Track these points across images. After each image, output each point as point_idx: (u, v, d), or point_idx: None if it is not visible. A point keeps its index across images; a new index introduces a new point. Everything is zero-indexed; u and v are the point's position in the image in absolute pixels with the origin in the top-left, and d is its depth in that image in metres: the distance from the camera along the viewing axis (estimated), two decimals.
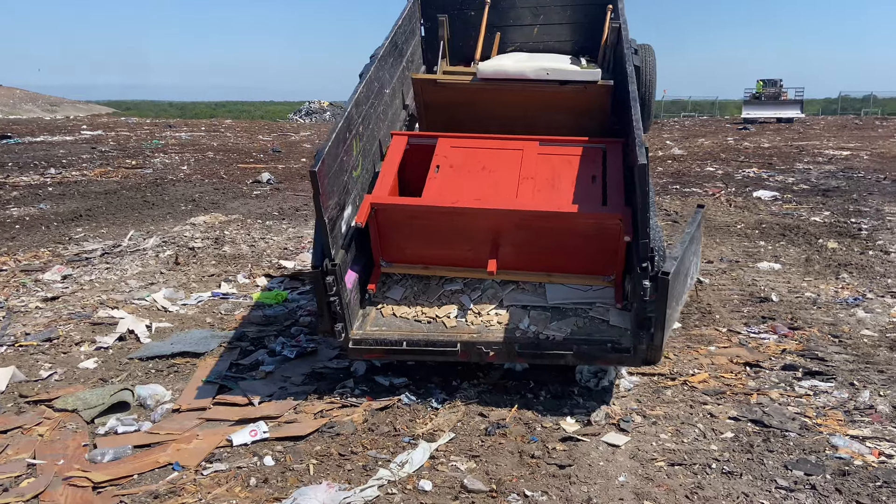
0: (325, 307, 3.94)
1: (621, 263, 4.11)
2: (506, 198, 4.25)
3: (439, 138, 4.60)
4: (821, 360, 4.71)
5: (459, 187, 4.30)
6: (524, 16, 5.95)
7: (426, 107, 4.97)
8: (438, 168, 4.43)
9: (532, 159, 4.41)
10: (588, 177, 4.28)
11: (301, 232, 9.40)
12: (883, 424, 3.77)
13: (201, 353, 5.02)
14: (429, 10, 5.97)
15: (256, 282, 7.01)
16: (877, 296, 6.15)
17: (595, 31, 5.84)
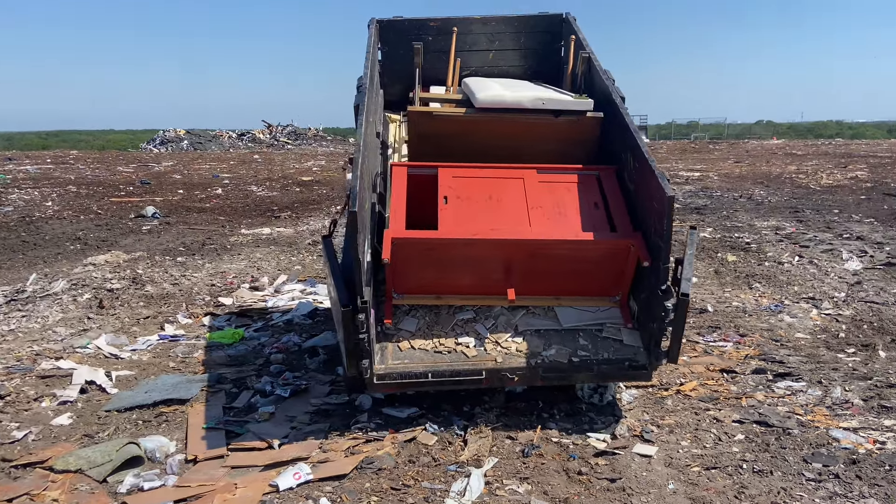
0: (355, 346, 3.88)
1: (627, 285, 4.34)
2: (521, 227, 4.34)
3: (438, 168, 4.62)
4: (780, 362, 5.23)
5: (473, 218, 4.35)
6: (480, 42, 6.15)
7: (419, 138, 5.00)
8: (447, 199, 4.44)
9: (534, 188, 4.53)
10: (590, 203, 4.46)
11: (220, 267, 9.02)
12: (864, 416, 4.28)
13: (186, 400, 4.74)
14: (386, 36, 6.02)
15: (203, 321, 6.67)
16: (793, 302, 6.88)
17: (547, 57, 6.16)
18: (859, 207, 13.11)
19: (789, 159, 23.49)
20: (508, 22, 6.14)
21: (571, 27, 5.81)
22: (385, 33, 5.96)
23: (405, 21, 6.10)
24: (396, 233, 4.18)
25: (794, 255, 8.94)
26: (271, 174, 22.36)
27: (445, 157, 4.87)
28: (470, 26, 6.08)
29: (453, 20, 6.09)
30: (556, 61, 6.11)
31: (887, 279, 7.65)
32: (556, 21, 6.08)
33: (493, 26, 6.13)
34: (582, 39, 5.45)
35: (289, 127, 42.51)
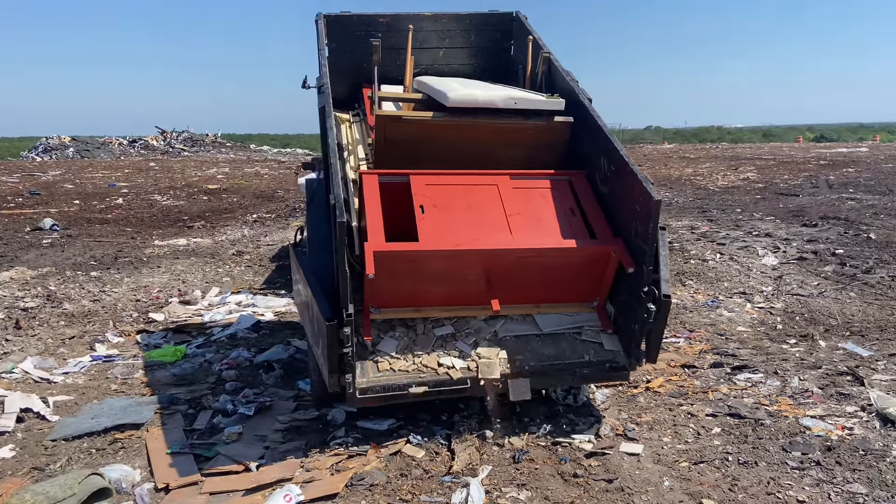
0: (338, 360, 3.71)
1: (606, 290, 4.31)
2: (503, 235, 4.20)
3: (410, 176, 4.41)
4: (732, 355, 5.43)
5: (453, 227, 4.18)
6: (431, 39, 6.04)
7: (387, 143, 4.78)
8: (423, 209, 4.20)
9: (510, 194, 4.41)
10: (566, 209, 4.38)
11: (141, 281, 8.49)
12: (826, 403, 4.49)
13: (140, 424, 4.40)
14: (333, 31, 5.80)
15: (136, 339, 6.24)
16: (726, 297, 7.19)
17: (497, 55, 6.12)
18: (758, 206, 13.90)
19: (684, 162, 24.68)
20: (459, 19, 6.07)
21: (523, 25, 5.80)
22: (332, 29, 5.74)
23: (353, 16, 5.91)
24: (377, 245, 3.92)
25: (716, 252, 9.36)
26: (173, 182, 21.36)
27: (413, 161, 4.70)
28: (420, 23, 5.96)
29: (403, 16, 5.95)
30: (505, 59, 6.09)
31: (804, 273, 8.13)
32: (506, 19, 6.05)
33: (443, 23, 6.03)
34: (538, 38, 5.44)
35: (184, 133, 40.81)
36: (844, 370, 5.01)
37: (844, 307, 6.64)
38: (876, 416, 4.23)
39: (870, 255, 8.86)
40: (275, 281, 8.57)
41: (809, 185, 16.85)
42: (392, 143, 4.67)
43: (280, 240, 11.43)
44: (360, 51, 5.85)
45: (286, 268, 9.27)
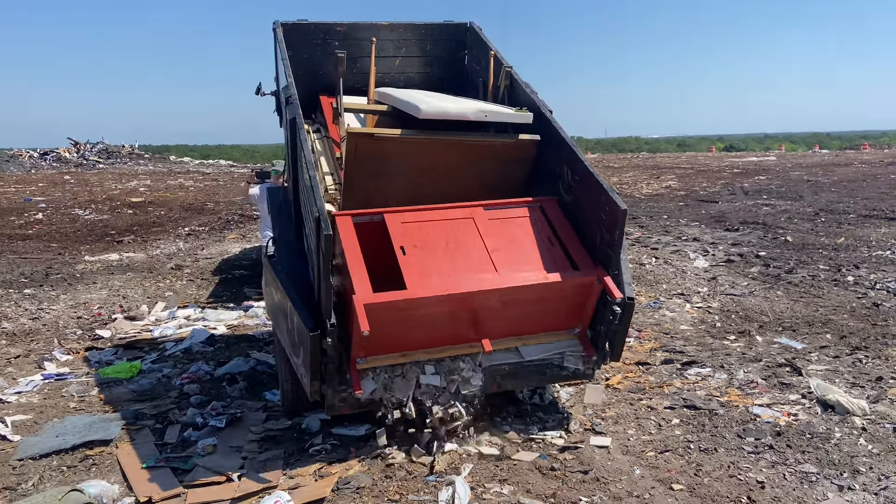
0: (320, 370, 3.77)
1: (589, 317, 4.32)
2: (489, 274, 4.05)
3: (384, 214, 4.18)
4: (681, 352, 5.75)
5: (437, 268, 4.00)
6: (387, 48, 6.10)
7: (357, 159, 4.65)
8: (404, 250, 4.03)
9: (486, 226, 4.28)
10: (544, 238, 4.30)
11: (78, 297, 8.23)
12: (771, 392, 4.83)
13: (109, 440, 4.32)
14: (290, 39, 5.70)
15: (86, 355, 6.08)
16: (667, 298, 7.57)
17: (451, 65, 6.24)
18: (682, 213, 14.58)
19: (609, 171, 25.53)
20: (415, 29, 6.15)
21: (477, 35, 5.94)
22: (289, 37, 5.68)
23: (310, 25, 5.91)
24: (366, 297, 3.71)
25: (651, 257, 9.80)
26: (93, 196, 20.58)
27: (381, 176, 4.71)
28: (377, 32, 6.02)
29: (360, 25, 6.00)
30: (460, 68, 6.22)
31: (733, 274, 8.62)
32: (461, 30, 6.18)
33: (400, 33, 6.10)
34: (496, 51, 5.59)
35: (99, 144, 39.30)
36: (783, 362, 5.39)
37: (774, 305, 7.11)
38: (817, 403, 4.58)
39: (789, 256, 9.46)
40: (221, 294, 8.46)
41: (727, 192, 17.76)
42: (362, 160, 4.64)
43: (218, 252, 11.25)
44: (315, 59, 5.88)
45: (231, 281, 9.17)
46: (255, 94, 6.09)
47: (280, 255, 4.61)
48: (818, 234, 11.01)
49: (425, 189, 4.76)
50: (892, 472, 3.70)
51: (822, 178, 19.74)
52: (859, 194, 15.65)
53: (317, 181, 3.83)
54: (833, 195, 15.77)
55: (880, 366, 5.24)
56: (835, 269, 8.49)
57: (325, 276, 3.62)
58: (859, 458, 3.86)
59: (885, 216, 12.40)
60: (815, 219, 12.59)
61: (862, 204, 14.07)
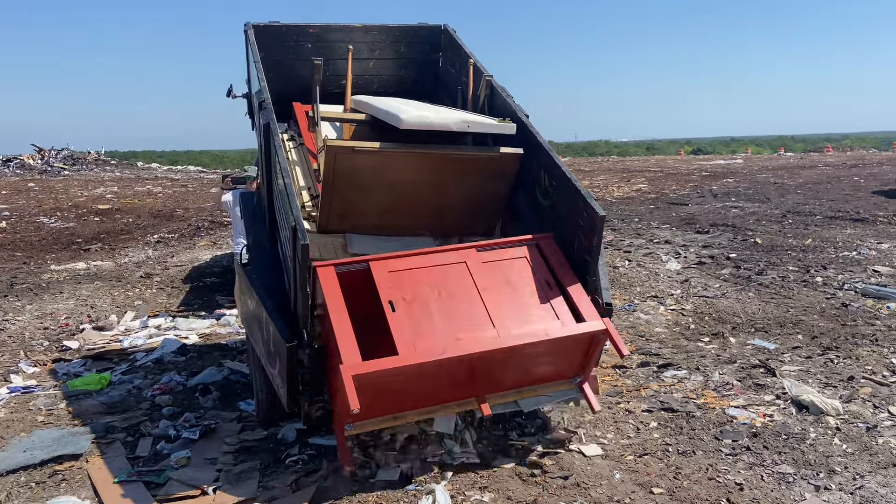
0: (298, 382, 3.71)
1: (591, 367, 4.10)
2: (486, 330, 3.71)
3: (370, 263, 3.82)
4: (656, 355, 5.78)
5: (430, 326, 3.66)
6: (361, 50, 6.02)
7: (336, 175, 4.45)
8: (394, 305, 3.66)
9: (480, 272, 3.93)
10: (542, 282, 3.99)
11: (45, 308, 8.05)
12: (746, 394, 4.87)
13: (79, 455, 4.22)
14: (262, 42, 5.57)
15: (54, 367, 5.93)
16: (641, 301, 7.61)
17: (425, 67, 6.20)
18: (653, 215, 14.71)
19: (580, 175, 25.67)
20: (389, 31, 6.09)
21: (451, 38, 5.90)
22: (261, 39, 5.58)
23: (282, 27, 5.82)
24: (355, 366, 3.34)
25: (624, 259, 9.87)
26: (58, 203, 20.18)
27: (361, 190, 4.57)
28: (351, 34, 5.96)
29: (333, 27, 5.94)
30: (434, 72, 6.20)
31: (706, 276, 8.71)
32: (435, 32, 6.14)
33: (374, 35, 6.03)
34: (475, 59, 5.55)
35: (64, 151, 38.59)
36: (757, 363, 5.44)
37: (746, 306, 7.19)
38: (791, 403, 4.63)
39: (759, 258, 9.59)
40: (192, 303, 8.32)
41: (696, 194, 17.97)
42: (341, 174, 4.48)
43: (189, 260, 11.09)
44: (288, 61, 5.81)
45: (202, 288, 9.04)
46: (227, 96, 5.98)
47: (254, 262, 4.53)
48: (786, 236, 11.18)
49: (405, 202, 4.70)
50: (866, 471, 3.75)
51: (787, 180, 20.07)
52: (824, 196, 15.93)
53: (292, 189, 3.77)
54: (799, 197, 16.04)
55: (851, 365, 5.31)
56: (803, 270, 8.62)
57: (302, 286, 3.56)
58: (834, 457, 3.91)
59: (851, 217, 12.64)
60: (782, 220, 12.79)
61: (827, 205, 14.32)
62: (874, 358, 5.43)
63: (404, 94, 6.14)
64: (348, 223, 4.76)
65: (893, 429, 4.23)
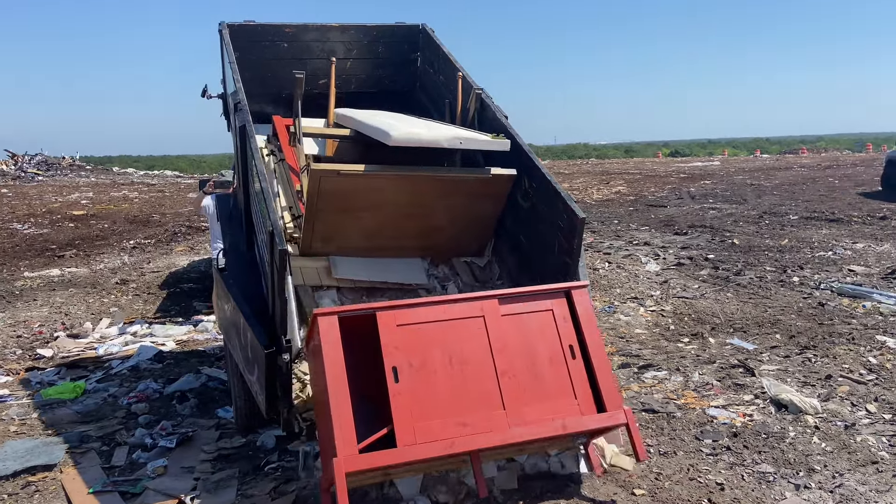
0: (277, 389, 3.65)
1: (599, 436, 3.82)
2: (494, 415, 3.28)
3: (377, 313, 3.33)
4: (637, 356, 5.79)
5: (434, 403, 3.23)
6: (338, 49, 5.94)
7: (321, 197, 4.25)
8: (398, 373, 3.22)
9: (498, 329, 3.45)
10: (566, 348, 3.49)
11: (18, 315, 7.90)
12: (726, 394, 4.89)
13: (52, 465, 4.13)
14: (237, 42, 5.41)
15: (27, 376, 5.82)
16: (621, 302, 7.64)
17: (404, 67, 6.12)
18: (632, 217, 14.80)
19: (560, 177, 25.71)
20: (366, 31, 6.01)
21: (429, 38, 5.84)
22: (235, 38, 5.44)
23: (258, 26, 5.71)
24: (349, 460, 2.98)
25: (604, 261, 9.90)
26: (32, 209, 19.86)
27: (346, 211, 4.39)
28: (328, 34, 5.88)
29: (310, 27, 5.85)
30: (412, 71, 6.15)
31: (684, 277, 8.77)
32: (413, 31, 6.08)
33: (351, 34, 5.94)
34: (448, 53, 5.49)
35: (38, 156, 38.04)
36: (736, 363, 5.47)
37: (724, 307, 7.23)
38: (770, 403, 4.66)
39: (737, 259, 9.67)
40: (169, 309, 8.22)
41: (674, 196, 18.11)
42: (325, 196, 4.29)
43: (166, 266, 10.96)
44: (263, 61, 5.73)
45: (179, 294, 8.94)
46: (202, 96, 5.88)
47: (231, 267, 4.47)
48: (763, 237, 11.29)
49: (392, 224, 4.56)
50: (845, 469, 3.77)
51: (764, 181, 20.29)
52: (800, 197, 16.12)
53: (269, 193, 3.69)
54: (775, 198, 16.21)
55: (829, 364, 5.36)
56: (780, 271, 8.70)
57: (280, 292, 3.50)
58: (814, 456, 3.93)
59: (826, 218, 12.79)
60: (759, 221, 12.91)
61: (803, 206, 14.49)
62: (851, 356, 5.49)
63: (383, 93, 6.08)
64: (333, 245, 4.56)
65: (871, 426, 4.27)
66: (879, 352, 5.55)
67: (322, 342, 3.18)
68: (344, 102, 5.60)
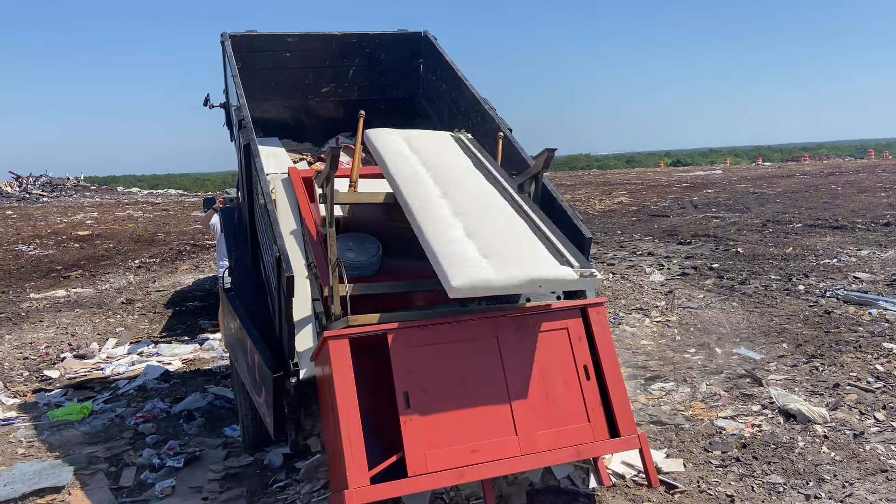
0: (289, 411, 3.65)
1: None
2: (506, 440, 3.20)
3: (388, 334, 3.19)
4: (643, 367, 5.78)
5: (446, 429, 3.14)
6: (341, 59, 5.95)
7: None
8: (409, 399, 3.13)
9: (511, 349, 3.35)
10: (581, 369, 3.40)
11: (24, 337, 7.92)
12: (734, 404, 4.87)
13: (61, 487, 4.13)
14: (239, 52, 5.40)
15: (34, 398, 5.82)
16: (626, 313, 7.63)
17: (406, 74, 6.11)
18: (635, 227, 14.80)
19: (562, 189, 25.84)
20: (369, 39, 6.00)
21: (432, 45, 5.84)
22: (238, 49, 5.44)
23: (260, 36, 5.71)
24: (360, 493, 2.92)
25: (608, 272, 9.90)
26: (37, 231, 19.95)
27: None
28: (330, 42, 5.91)
29: (313, 36, 5.85)
30: (415, 78, 6.16)
31: (689, 287, 8.75)
32: (415, 39, 6.08)
33: (353, 42, 5.95)
34: (450, 61, 5.48)
35: (42, 177, 38.27)
36: (743, 373, 5.46)
37: (730, 316, 7.22)
38: (779, 413, 4.64)
39: (742, 267, 9.65)
40: (175, 328, 8.24)
41: (677, 206, 18.11)
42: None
43: (171, 284, 10.99)
44: (267, 70, 5.75)
45: (185, 313, 8.95)
46: (204, 105, 5.91)
47: (237, 286, 4.48)
48: (767, 245, 11.27)
49: None
50: (855, 478, 3.75)
51: (766, 189, 20.29)
52: (803, 205, 16.11)
53: (276, 218, 3.65)
54: (778, 206, 16.20)
55: (836, 373, 5.34)
56: (785, 279, 8.68)
57: (288, 317, 3.49)
58: (823, 466, 3.91)
59: (830, 225, 12.77)
60: (763, 230, 12.90)
61: (806, 214, 14.48)
62: (858, 364, 5.47)
63: (385, 101, 6.08)
64: None
65: (880, 435, 4.25)
66: (887, 359, 5.53)
67: (333, 368, 3.09)
68: (346, 110, 5.60)
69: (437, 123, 5.60)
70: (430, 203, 3.59)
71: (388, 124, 6.02)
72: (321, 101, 5.74)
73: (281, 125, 5.96)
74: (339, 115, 6.11)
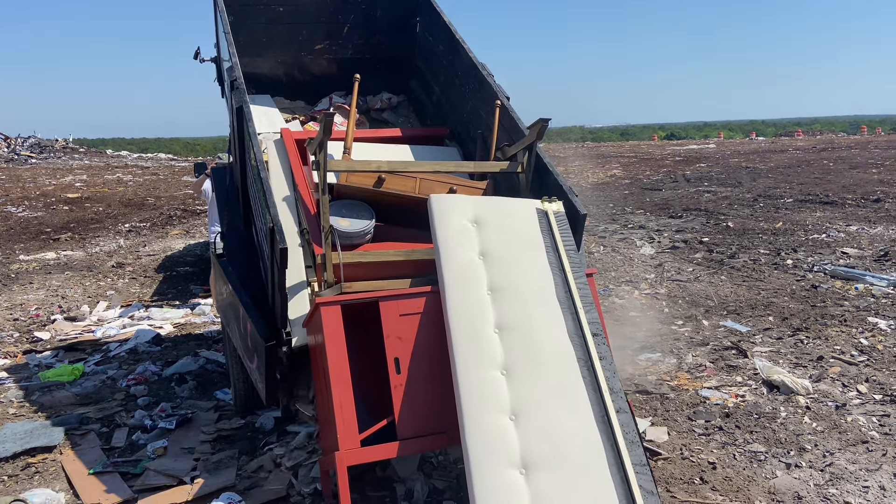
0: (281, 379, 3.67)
1: None
2: None
3: (380, 303, 3.22)
4: (630, 338, 5.84)
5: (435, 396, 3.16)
6: (334, 15, 5.77)
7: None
8: (399, 364, 3.17)
9: None
10: None
11: (14, 299, 7.92)
12: (719, 375, 4.95)
13: (52, 447, 4.17)
14: (232, 4, 5.22)
15: (25, 359, 5.85)
16: (615, 286, 7.69)
17: (403, 32, 5.93)
18: (627, 201, 14.82)
19: (556, 161, 25.74)
20: None
21: (429, 3, 5.62)
22: (230, 3, 5.23)
23: None
24: (351, 454, 2.98)
25: (598, 245, 9.94)
26: (26, 192, 19.78)
27: None
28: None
29: None
30: (411, 37, 6.03)
31: (679, 260, 8.81)
32: None
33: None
34: (447, 22, 5.30)
35: (31, 139, 37.83)
36: (729, 345, 5.53)
37: (718, 289, 7.29)
38: (763, 384, 4.72)
39: (731, 241, 9.72)
40: (165, 292, 8.25)
41: (670, 179, 18.12)
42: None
43: (161, 249, 10.97)
44: (259, 25, 5.61)
45: (175, 278, 8.95)
46: (194, 58, 5.80)
47: (229, 252, 4.46)
48: (757, 220, 11.33)
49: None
50: (835, 448, 3.83)
51: (759, 164, 20.31)
52: (795, 180, 16.16)
53: (269, 187, 3.62)
54: (770, 181, 16.24)
55: (821, 346, 5.42)
56: (774, 253, 8.75)
57: (281, 287, 3.48)
58: (804, 436, 3.99)
59: (820, 200, 12.83)
60: (754, 204, 12.95)
61: (798, 189, 14.53)
62: (843, 338, 5.55)
63: (380, 60, 5.95)
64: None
65: (862, 407, 4.33)
66: (871, 333, 5.61)
67: (325, 334, 3.12)
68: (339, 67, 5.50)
69: (433, 85, 5.51)
70: (477, 338, 3.16)
71: (383, 84, 5.94)
72: (315, 57, 5.63)
73: (273, 82, 5.85)
74: (333, 71, 5.98)
